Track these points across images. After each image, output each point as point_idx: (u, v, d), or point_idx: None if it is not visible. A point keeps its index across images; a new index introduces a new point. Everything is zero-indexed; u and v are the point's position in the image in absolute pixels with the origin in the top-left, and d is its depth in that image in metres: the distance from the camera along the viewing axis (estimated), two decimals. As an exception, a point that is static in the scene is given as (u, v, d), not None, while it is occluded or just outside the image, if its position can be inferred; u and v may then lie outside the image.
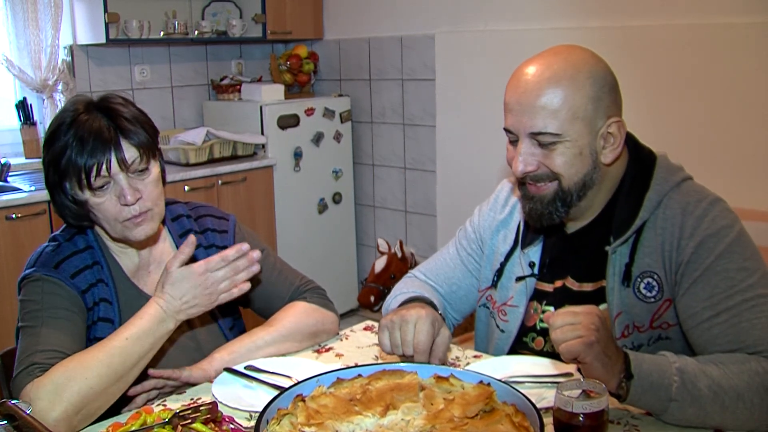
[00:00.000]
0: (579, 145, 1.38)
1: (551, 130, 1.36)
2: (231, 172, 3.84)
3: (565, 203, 1.42)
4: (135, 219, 1.48)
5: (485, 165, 3.74)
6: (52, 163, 1.47)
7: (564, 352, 1.17)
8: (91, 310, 1.52)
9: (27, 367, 1.36)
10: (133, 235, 1.50)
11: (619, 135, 1.40)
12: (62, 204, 1.50)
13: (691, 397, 1.20)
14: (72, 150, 1.43)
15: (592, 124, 1.37)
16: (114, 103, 1.50)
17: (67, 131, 1.45)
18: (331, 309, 1.73)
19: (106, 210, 1.47)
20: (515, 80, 1.41)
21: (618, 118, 1.40)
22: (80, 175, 1.44)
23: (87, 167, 1.43)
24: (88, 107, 1.48)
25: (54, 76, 3.76)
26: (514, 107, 1.40)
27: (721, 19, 2.90)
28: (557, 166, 1.39)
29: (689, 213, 1.38)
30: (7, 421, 1.09)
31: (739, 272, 1.32)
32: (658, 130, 3.00)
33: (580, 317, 1.17)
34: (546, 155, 1.39)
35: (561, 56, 1.39)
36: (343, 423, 1.15)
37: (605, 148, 1.40)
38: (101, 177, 1.44)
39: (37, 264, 1.52)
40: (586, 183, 1.41)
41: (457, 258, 1.73)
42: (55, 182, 1.49)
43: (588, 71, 1.37)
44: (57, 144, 1.46)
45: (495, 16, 3.65)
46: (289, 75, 4.37)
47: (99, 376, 1.33)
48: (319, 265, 4.17)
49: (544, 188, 1.42)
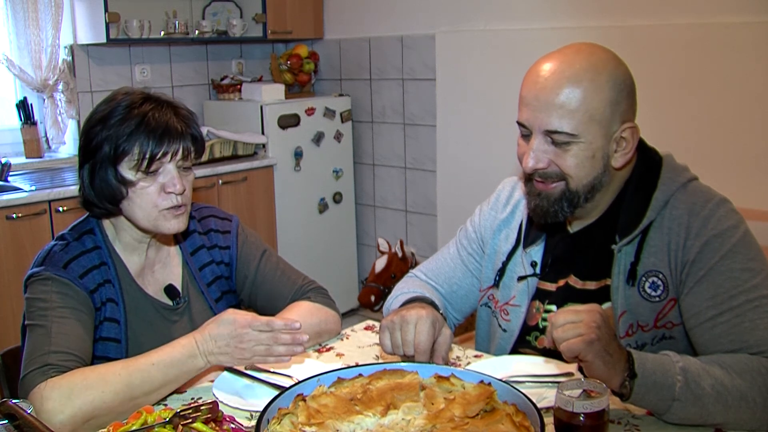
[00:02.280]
0: (593, 147, 1.37)
1: (567, 129, 1.35)
2: (231, 172, 3.84)
3: (571, 204, 1.41)
4: (174, 210, 1.51)
5: (486, 164, 3.74)
6: (109, 140, 1.47)
7: (565, 350, 1.16)
8: (98, 310, 1.53)
9: (41, 367, 1.35)
10: (168, 226, 1.52)
11: (632, 140, 1.39)
12: (104, 181, 1.48)
13: (694, 397, 1.20)
14: (142, 135, 1.46)
15: (607, 128, 1.36)
16: (171, 99, 1.56)
17: (132, 116, 1.47)
18: (333, 308, 1.73)
19: (148, 195, 1.49)
20: (534, 75, 1.39)
21: (632, 124, 1.39)
22: (143, 159, 1.46)
23: (152, 153, 1.46)
24: (149, 98, 1.52)
25: (54, 75, 3.76)
26: (530, 102, 1.38)
27: (720, 19, 2.90)
28: (568, 167, 1.38)
29: (695, 213, 1.38)
30: (8, 421, 1.09)
31: (743, 272, 1.32)
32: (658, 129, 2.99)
33: (582, 315, 1.17)
34: (558, 154, 1.38)
35: (582, 55, 1.37)
36: (344, 422, 1.15)
37: (617, 152, 1.39)
38: (158, 161, 1.48)
39: (46, 263, 1.51)
40: (594, 186, 1.40)
41: (457, 258, 1.73)
42: (108, 159, 1.47)
43: (609, 73, 1.36)
44: (121, 126, 1.46)
45: (495, 15, 3.65)
46: (290, 75, 4.37)
47: (115, 392, 1.33)
48: (319, 265, 4.17)
49: (552, 187, 1.41)
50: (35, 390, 1.31)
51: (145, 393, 1.36)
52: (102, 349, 1.53)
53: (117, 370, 1.35)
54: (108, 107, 1.50)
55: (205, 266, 1.70)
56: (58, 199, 3.19)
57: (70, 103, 3.83)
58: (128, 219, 1.54)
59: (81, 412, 1.29)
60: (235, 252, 1.73)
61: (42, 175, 3.55)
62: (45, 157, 3.81)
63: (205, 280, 1.69)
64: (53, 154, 3.91)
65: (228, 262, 1.73)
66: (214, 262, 1.71)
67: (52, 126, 3.84)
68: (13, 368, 1.63)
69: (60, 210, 3.19)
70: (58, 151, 3.94)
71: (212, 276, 1.71)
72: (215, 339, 1.40)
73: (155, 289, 1.63)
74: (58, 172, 3.63)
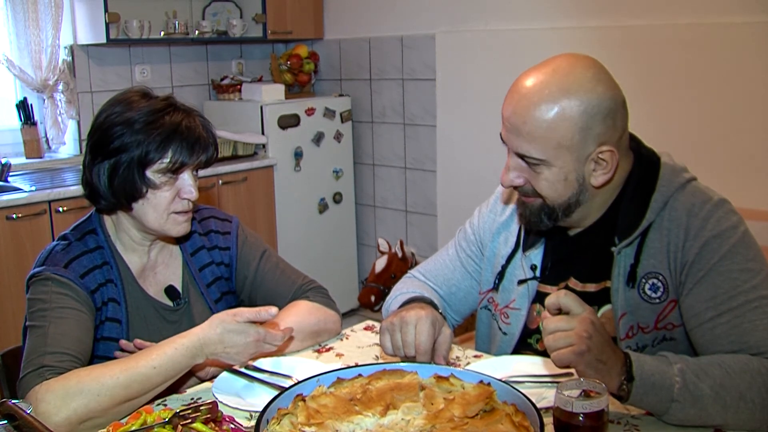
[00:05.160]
0: (564, 171, 1.36)
1: (534, 155, 1.35)
2: (231, 172, 3.84)
3: (550, 218, 1.42)
4: (184, 214, 1.55)
5: (486, 164, 3.74)
6: (140, 144, 1.48)
7: (555, 360, 1.17)
8: (99, 309, 1.53)
9: (37, 369, 1.35)
10: (176, 229, 1.56)
11: (611, 161, 1.36)
12: (128, 181, 1.49)
13: (693, 398, 1.20)
14: (176, 143, 1.50)
15: (579, 152, 1.34)
16: (192, 107, 1.61)
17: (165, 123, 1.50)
18: (333, 308, 1.73)
19: (164, 197, 1.52)
20: (512, 93, 1.38)
21: (610, 147, 1.35)
22: (173, 165, 1.50)
23: (183, 162, 1.51)
24: (174, 105, 1.56)
25: (54, 76, 3.76)
26: (505, 123, 1.39)
27: (721, 18, 2.90)
28: (541, 188, 1.39)
29: (694, 214, 1.37)
30: (7, 421, 1.09)
31: (742, 273, 1.32)
32: (658, 129, 2.99)
33: (573, 323, 1.17)
34: (532, 174, 1.39)
35: (557, 76, 1.33)
36: (344, 423, 1.15)
37: (596, 171, 1.37)
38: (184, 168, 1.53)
39: (47, 262, 1.51)
40: (571, 204, 1.40)
41: (456, 260, 1.72)
42: (138, 161, 1.48)
43: (580, 98, 1.31)
44: (153, 132, 1.48)
45: (495, 15, 3.65)
46: (290, 75, 4.37)
47: (112, 396, 1.32)
48: (319, 265, 4.17)
49: (531, 201, 1.43)
50: (31, 392, 1.31)
51: (143, 393, 1.36)
52: (103, 349, 1.53)
53: (115, 373, 1.34)
54: (128, 109, 1.51)
55: (205, 267, 1.70)
56: (58, 200, 3.19)
57: (70, 104, 3.83)
58: (137, 218, 1.55)
59: (76, 414, 1.29)
60: (235, 253, 1.73)
61: (42, 175, 3.56)
62: (45, 158, 3.81)
63: (205, 281, 1.69)
64: (53, 154, 3.91)
65: (228, 263, 1.73)
66: (214, 263, 1.71)
67: (52, 126, 3.84)
68: (13, 368, 1.63)
69: (60, 210, 3.19)
70: (58, 152, 3.94)
71: (212, 277, 1.71)
72: (228, 345, 1.41)
73: (156, 289, 1.63)
74: (58, 172, 3.63)
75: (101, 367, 1.36)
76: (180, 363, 1.39)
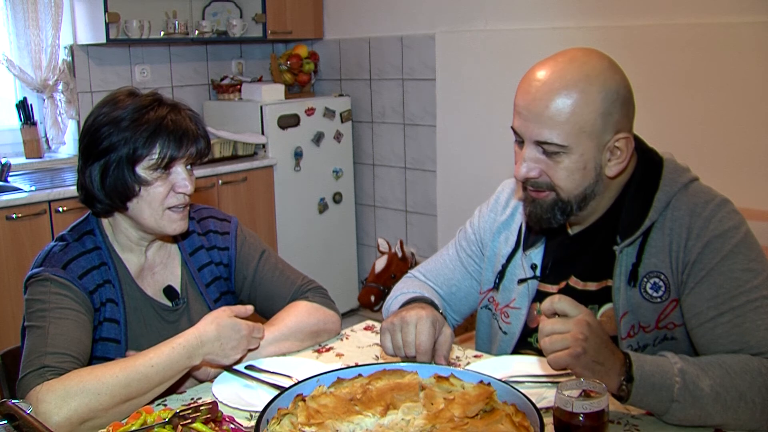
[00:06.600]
0: (584, 159, 1.36)
1: (557, 141, 1.34)
2: (231, 172, 3.84)
3: (564, 212, 1.42)
4: (181, 210, 1.55)
5: (486, 164, 3.74)
6: (127, 142, 1.48)
7: (552, 363, 1.17)
8: (98, 310, 1.53)
9: (37, 369, 1.35)
10: (172, 227, 1.55)
11: (626, 150, 1.38)
12: (119, 180, 1.49)
13: (693, 398, 1.20)
14: (162, 137, 1.49)
15: (599, 139, 1.35)
16: (178, 102, 1.59)
17: (150, 118, 1.49)
18: (332, 308, 1.73)
19: (158, 193, 1.51)
20: (526, 83, 1.38)
21: (627, 134, 1.37)
22: (162, 161, 1.49)
23: (172, 156, 1.50)
24: (159, 100, 1.55)
25: (54, 76, 3.76)
26: (522, 111, 1.38)
27: (721, 19, 2.90)
28: (558, 179, 1.38)
29: (697, 214, 1.37)
30: (7, 421, 1.09)
31: (744, 273, 1.32)
32: (658, 129, 2.99)
33: (569, 325, 1.17)
34: (549, 165, 1.38)
35: (576, 64, 1.35)
36: (344, 423, 1.15)
37: (611, 161, 1.38)
38: (174, 162, 1.52)
39: (45, 263, 1.51)
40: (587, 195, 1.40)
41: (456, 260, 1.72)
42: (126, 159, 1.49)
43: (601, 84, 1.34)
44: (139, 128, 1.48)
45: (495, 15, 3.65)
46: (290, 75, 4.37)
47: (113, 396, 1.32)
48: (319, 265, 4.17)
49: (543, 195, 1.42)
50: (31, 392, 1.31)
51: (143, 393, 1.36)
52: (101, 350, 1.53)
53: (115, 372, 1.34)
54: (114, 108, 1.51)
55: (204, 267, 1.70)
56: (58, 200, 3.19)
57: (70, 104, 3.83)
58: (133, 218, 1.55)
59: (77, 414, 1.29)
60: (234, 253, 1.73)
61: (42, 175, 3.56)
62: (45, 158, 3.81)
63: (203, 281, 1.69)
64: (53, 154, 3.91)
65: (227, 263, 1.73)
66: (213, 263, 1.71)
67: (52, 126, 3.84)
68: (12, 368, 1.63)
69: (60, 210, 3.19)
70: (58, 152, 3.95)
71: (211, 277, 1.71)
72: (223, 341, 1.44)
73: (154, 290, 1.63)
74: (58, 172, 3.63)
75: (101, 367, 1.36)
76: (178, 362, 1.40)
